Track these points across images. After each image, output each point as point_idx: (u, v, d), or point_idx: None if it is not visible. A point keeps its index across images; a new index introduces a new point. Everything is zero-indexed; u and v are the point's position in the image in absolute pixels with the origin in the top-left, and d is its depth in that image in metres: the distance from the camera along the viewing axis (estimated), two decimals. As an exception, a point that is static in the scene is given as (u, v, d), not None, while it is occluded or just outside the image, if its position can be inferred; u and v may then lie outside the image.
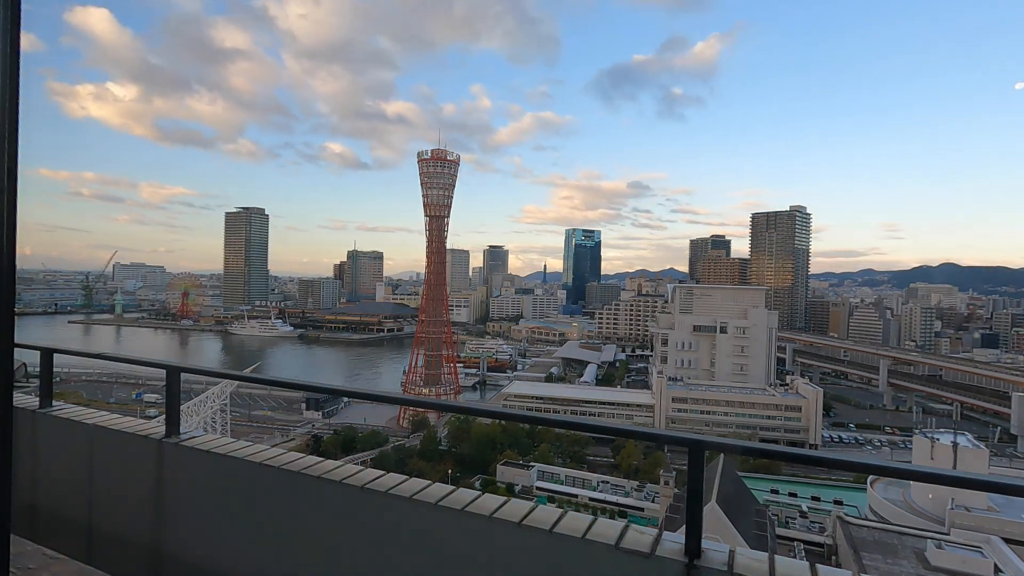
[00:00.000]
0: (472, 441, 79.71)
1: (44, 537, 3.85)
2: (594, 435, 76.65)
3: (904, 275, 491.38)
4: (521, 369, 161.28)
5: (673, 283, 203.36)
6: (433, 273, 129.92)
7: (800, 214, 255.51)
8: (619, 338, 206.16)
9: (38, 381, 4.89)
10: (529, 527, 2.84)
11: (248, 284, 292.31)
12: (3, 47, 1.93)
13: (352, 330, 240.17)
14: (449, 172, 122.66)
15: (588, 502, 60.01)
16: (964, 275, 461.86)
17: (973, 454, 34.09)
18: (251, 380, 5.91)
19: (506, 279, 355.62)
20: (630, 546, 2.64)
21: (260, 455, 3.77)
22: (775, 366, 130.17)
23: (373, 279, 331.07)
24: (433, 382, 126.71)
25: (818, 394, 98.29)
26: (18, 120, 1.99)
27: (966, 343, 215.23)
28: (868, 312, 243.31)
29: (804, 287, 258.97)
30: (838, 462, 2.85)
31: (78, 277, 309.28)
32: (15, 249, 2.02)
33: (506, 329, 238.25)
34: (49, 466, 4.67)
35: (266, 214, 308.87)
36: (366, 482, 3.34)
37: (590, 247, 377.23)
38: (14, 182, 2.00)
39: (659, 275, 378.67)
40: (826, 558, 27.85)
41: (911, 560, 23.59)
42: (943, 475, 2.44)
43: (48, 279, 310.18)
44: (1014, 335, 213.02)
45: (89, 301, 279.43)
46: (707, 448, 2.84)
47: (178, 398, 4.34)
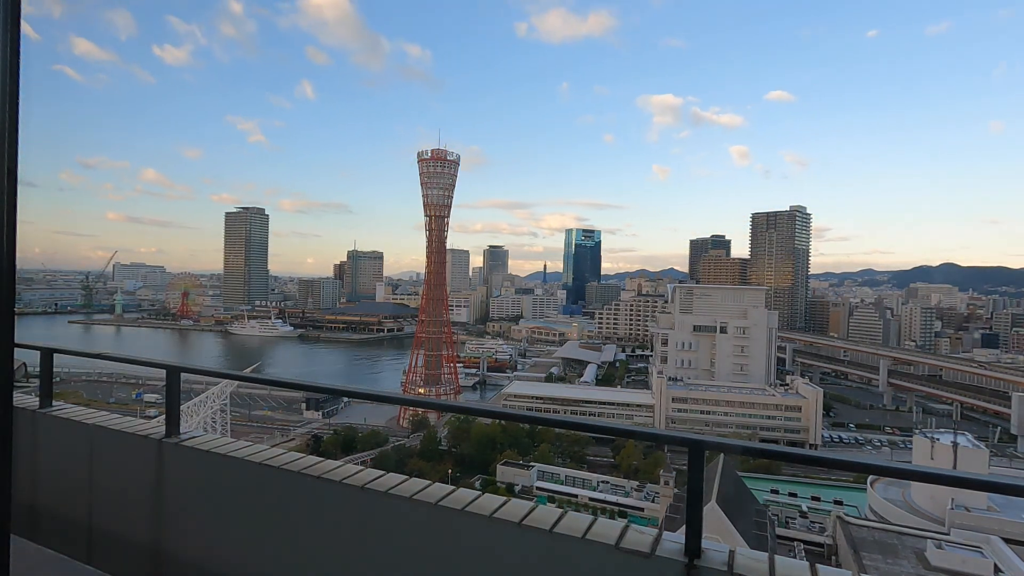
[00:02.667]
0: (472, 441, 79.72)
1: (44, 537, 3.86)
2: (594, 435, 76.67)
3: (904, 275, 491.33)
4: (521, 369, 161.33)
5: (673, 283, 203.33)
6: (433, 273, 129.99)
7: (800, 214, 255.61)
8: (619, 338, 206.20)
9: (38, 381, 4.89)
10: (529, 527, 2.84)
11: (248, 284, 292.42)
12: (3, 47, 1.92)
13: (352, 330, 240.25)
14: (449, 172, 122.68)
15: (588, 502, 60.02)
16: (964, 275, 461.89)
17: (973, 454, 34.07)
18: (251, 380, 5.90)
19: (506, 279, 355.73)
20: (630, 546, 2.64)
21: (260, 455, 3.77)
22: (775, 366, 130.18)
23: (373, 279, 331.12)
24: (433, 382, 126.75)
25: (818, 394, 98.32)
26: (18, 120, 1.98)
27: (966, 343, 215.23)
28: (868, 312, 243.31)
29: (804, 287, 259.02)
30: (838, 462, 2.85)
31: (78, 277, 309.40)
32: (15, 249, 2.01)
33: (506, 329, 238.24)
34: (49, 466, 4.67)
35: (266, 214, 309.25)
36: (366, 482, 3.34)
37: (590, 247, 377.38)
38: (14, 182, 1.99)
39: (659, 275, 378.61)
40: (826, 558, 27.85)
41: (911, 560, 23.60)
42: (943, 475, 2.44)
43: (48, 279, 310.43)
44: (1014, 335, 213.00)
45: (89, 301, 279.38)
46: (707, 448, 2.83)
47: (178, 398, 4.34)
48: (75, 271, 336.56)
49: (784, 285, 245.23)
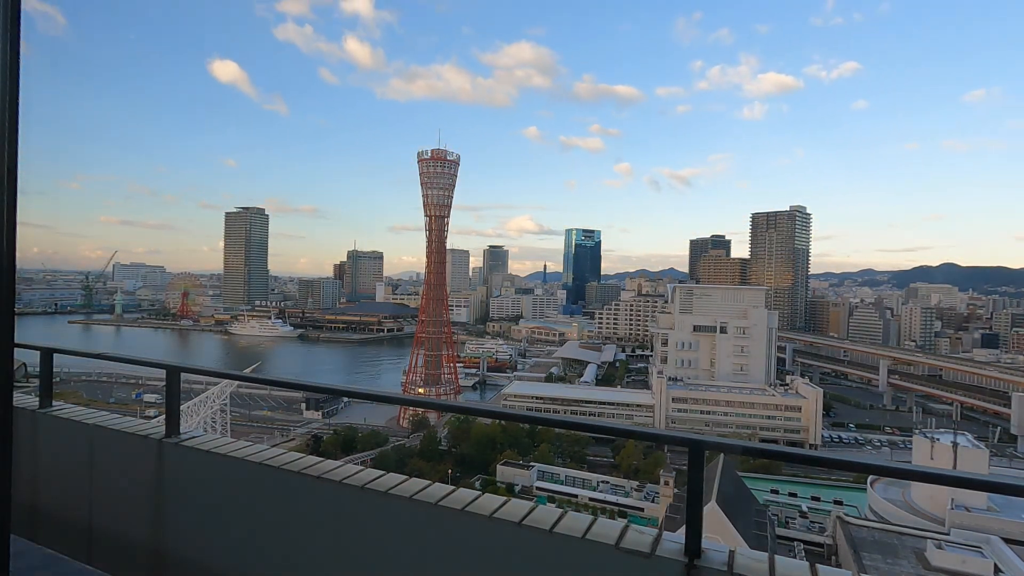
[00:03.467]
0: (472, 441, 79.76)
1: (44, 537, 3.85)
2: (594, 435, 76.70)
3: (904, 275, 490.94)
4: (521, 369, 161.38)
5: (673, 283, 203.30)
6: (433, 273, 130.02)
7: (800, 214, 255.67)
8: (619, 338, 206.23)
9: (38, 381, 4.89)
10: (529, 527, 2.84)
11: (248, 284, 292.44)
12: (3, 47, 1.91)
13: (352, 330, 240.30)
14: (449, 172, 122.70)
15: (588, 502, 60.05)
16: (964, 275, 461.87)
17: (973, 454, 34.09)
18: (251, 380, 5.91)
19: (506, 279, 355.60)
20: (630, 546, 2.64)
21: (260, 455, 3.77)
22: (775, 366, 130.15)
23: (373, 279, 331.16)
24: (433, 382, 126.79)
25: (818, 394, 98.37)
26: (18, 120, 1.97)
27: (966, 343, 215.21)
28: (868, 312, 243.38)
29: (804, 287, 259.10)
30: (838, 462, 2.84)
31: (78, 277, 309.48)
32: (15, 249, 2.00)
33: (506, 329, 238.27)
34: (49, 466, 4.67)
35: (266, 214, 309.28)
36: (366, 482, 3.34)
37: (590, 247, 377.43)
38: (14, 182, 1.98)
39: (659, 275, 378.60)
40: (826, 558, 27.85)
41: (911, 560, 23.61)
42: (943, 475, 2.44)
43: (48, 279, 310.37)
44: (1014, 335, 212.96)
45: (89, 301, 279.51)
46: (707, 448, 2.83)
47: (178, 398, 4.34)
48: (75, 271, 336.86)
49: (784, 285, 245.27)
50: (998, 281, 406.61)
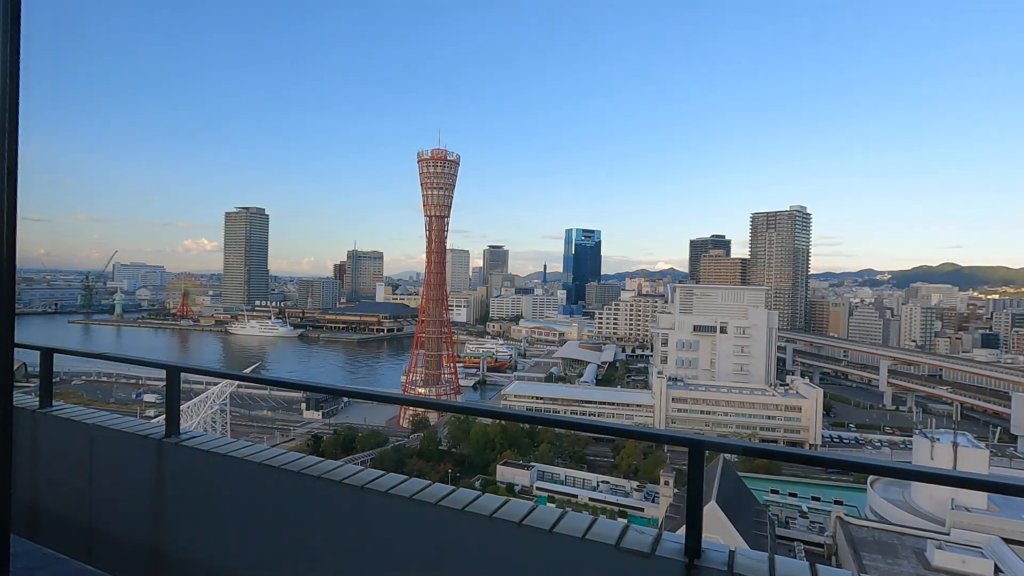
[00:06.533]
0: (472, 441, 79.78)
1: (44, 537, 3.86)
2: (594, 435, 76.75)
3: (904, 275, 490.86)
4: (521, 369, 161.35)
5: (673, 283, 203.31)
6: (433, 273, 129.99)
7: (800, 214, 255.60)
8: (619, 338, 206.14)
9: (38, 381, 4.89)
10: (529, 527, 2.84)
11: (248, 284, 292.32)
12: (3, 47, 1.93)
13: (352, 330, 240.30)
14: (449, 172, 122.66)
15: (588, 502, 60.06)
16: (964, 275, 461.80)
17: (973, 454, 34.13)
18: (251, 380, 5.91)
19: (506, 279, 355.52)
20: (630, 546, 2.64)
21: (260, 455, 3.77)
22: (775, 366, 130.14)
23: (373, 279, 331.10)
24: (433, 382, 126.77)
25: (818, 394, 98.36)
26: (18, 120, 1.98)
27: (966, 343, 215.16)
28: (868, 312, 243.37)
29: (804, 287, 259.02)
30: (838, 462, 2.85)
31: (78, 277, 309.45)
32: (15, 249, 2.01)
33: (506, 329, 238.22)
34: (49, 466, 4.67)
35: (266, 214, 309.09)
36: (366, 482, 3.34)
37: (590, 247, 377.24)
38: (14, 182, 1.99)
39: (659, 275, 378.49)
40: (826, 558, 27.88)
41: (911, 560, 23.61)
42: (943, 475, 2.44)
43: (48, 279, 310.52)
44: (1014, 335, 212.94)
45: (89, 301, 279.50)
46: (707, 448, 2.84)
47: (178, 398, 4.34)
48: (75, 271, 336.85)
49: (784, 285, 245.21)
50: (998, 281, 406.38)
